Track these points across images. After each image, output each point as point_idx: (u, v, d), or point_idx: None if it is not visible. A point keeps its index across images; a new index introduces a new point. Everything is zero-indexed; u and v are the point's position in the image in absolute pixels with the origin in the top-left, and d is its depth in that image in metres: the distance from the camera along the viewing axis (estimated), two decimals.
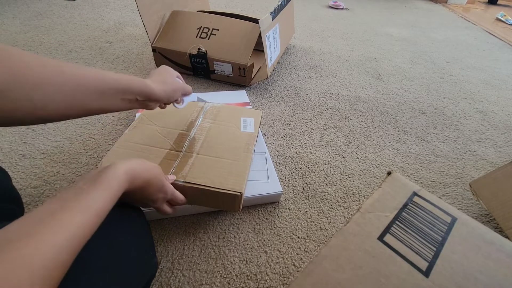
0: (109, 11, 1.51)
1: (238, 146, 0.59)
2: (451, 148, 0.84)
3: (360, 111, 0.95)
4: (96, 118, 0.80)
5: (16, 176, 0.62)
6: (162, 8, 1.00)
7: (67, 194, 0.28)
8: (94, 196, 0.28)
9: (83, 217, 0.26)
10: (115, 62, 1.07)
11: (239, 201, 0.50)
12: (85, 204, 0.27)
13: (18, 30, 1.21)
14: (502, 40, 1.73)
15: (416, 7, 2.30)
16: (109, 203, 0.29)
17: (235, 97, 0.89)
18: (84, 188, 0.28)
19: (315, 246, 0.56)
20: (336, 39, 1.48)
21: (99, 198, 0.28)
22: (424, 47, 1.51)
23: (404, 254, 0.32)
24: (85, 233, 0.25)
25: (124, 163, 0.34)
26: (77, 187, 0.29)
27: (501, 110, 1.04)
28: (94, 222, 0.27)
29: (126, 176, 0.33)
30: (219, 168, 0.54)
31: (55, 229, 0.23)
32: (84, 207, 0.27)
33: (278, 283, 0.50)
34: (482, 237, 0.35)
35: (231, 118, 0.67)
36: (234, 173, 0.53)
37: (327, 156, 0.76)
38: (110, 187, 0.30)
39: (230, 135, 0.62)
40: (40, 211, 0.25)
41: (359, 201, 0.65)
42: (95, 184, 0.29)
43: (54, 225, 0.23)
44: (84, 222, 0.25)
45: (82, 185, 0.29)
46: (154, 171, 0.39)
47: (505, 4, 2.66)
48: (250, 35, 0.95)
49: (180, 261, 0.51)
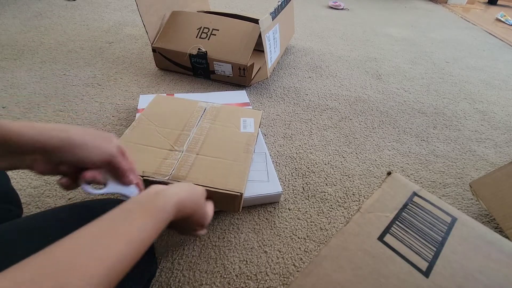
0: (109, 12, 1.51)
1: (238, 146, 0.59)
2: (451, 148, 0.84)
3: (360, 111, 0.95)
4: (96, 118, 0.80)
5: (16, 176, 0.62)
6: (162, 8, 1.00)
7: (117, 214, 0.27)
8: (141, 225, 0.27)
9: (125, 248, 0.24)
10: (115, 62, 1.07)
11: (239, 202, 0.50)
12: (129, 232, 0.26)
13: (18, 30, 1.21)
14: (502, 40, 1.73)
15: (416, 7, 2.30)
16: (154, 234, 0.28)
17: (235, 97, 0.89)
18: (132, 211, 0.27)
19: (315, 246, 0.56)
20: (336, 39, 1.48)
21: (145, 227, 0.27)
22: (424, 47, 1.51)
23: (404, 254, 0.32)
24: (124, 265, 0.24)
25: (176, 193, 0.32)
26: (127, 209, 0.28)
27: (501, 110, 1.04)
28: (135, 253, 0.25)
29: (175, 208, 0.31)
30: (219, 168, 0.54)
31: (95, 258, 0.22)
32: (128, 236, 0.25)
33: (278, 283, 0.50)
34: (482, 237, 0.35)
35: (231, 119, 0.67)
36: (234, 174, 0.53)
37: (327, 156, 0.76)
38: (159, 218, 0.29)
39: (230, 136, 0.62)
40: (86, 233, 0.24)
41: (359, 201, 0.65)
42: (144, 210, 0.28)
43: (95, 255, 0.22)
44: (126, 253, 0.24)
45: (132, 206, 0.28)
46: (200, 202, 0.37)
47: (505, 4, 2.66)
48: (250, 35, 0.95)
49: (180, 261, 0.51)
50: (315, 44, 1.40)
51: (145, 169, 0.51)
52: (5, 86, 0.88)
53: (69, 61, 1.05)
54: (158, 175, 0.51)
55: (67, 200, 0.59)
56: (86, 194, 0.32)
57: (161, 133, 0.60)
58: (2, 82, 0.90)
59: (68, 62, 1.04)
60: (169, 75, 1.04)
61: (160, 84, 0.98)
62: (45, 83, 0.92)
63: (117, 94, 0.91)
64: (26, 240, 0.30)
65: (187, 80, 1.02)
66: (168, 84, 0.99)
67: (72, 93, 0.89)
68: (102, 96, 0.89)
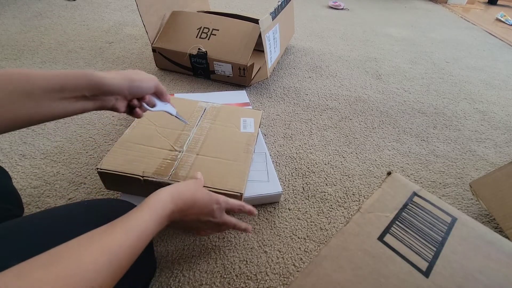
0: (109, 12, 1.51)
1: (238, 146, 0.59)
2: (451, 148, 0.84)
3: (360, 111, 0.95)
4: (96, 118, 0.80)
5: (16, 176, 0.62)
6: (162, 8, 1.00)
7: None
8: (137, 216, 0.29)
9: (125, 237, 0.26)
10: (115, 62, 1.07)
11: None
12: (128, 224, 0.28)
13: (18, 30, 1.21)
14: (502, 40, 1.73)
15: (416, 7, 2.30)
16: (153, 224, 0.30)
17: (235, 97, 0.89)
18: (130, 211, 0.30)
19: (315, 246, 0.56)
20: (336, 39, 1.48)
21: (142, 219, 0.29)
22: (424, 47, 1.51)
23: (404, 254, 0.32)
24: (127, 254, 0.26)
25: (168, 187, 0.36)
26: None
27: (501, 110, 1.04)
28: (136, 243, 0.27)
29: (170, 197, 0.34)
30: (219, 168, 0.54)
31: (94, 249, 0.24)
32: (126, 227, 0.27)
33: (278, 283, 0.50)
34: (482, 237, 0.35)
35: (231, 119, 0.67)
36: (234, 174, 0.53)
37: (327, 156, 0.76)
38: (155, 208, 0.31)
39: (230, 136, 0.62)
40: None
41: (359, 201, 0.65)
42: (140, 206, 0.31)
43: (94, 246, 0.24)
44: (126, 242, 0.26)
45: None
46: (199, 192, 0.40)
47: (505, 4, 2.66)
48: (250, 35, 0.95)
49: (180, 261, 0.51)
50: (315, 44, 1.40)
51: (145, 169, 0.51)
52: None
53: (69, 61, 1.05)
54: (158, 175, 0.51)
55: (67, 200, 0.59)
56: (147, 111, 0.46)
57: (161, 133, 0.60)
58: None
59: (68, 62, 1.04)
60: (169, 75, 1.04)
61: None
62: None
63: None
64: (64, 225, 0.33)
65: (187, 80, 1.02)
66: (168, 84, 0.99)
67: None
68: None
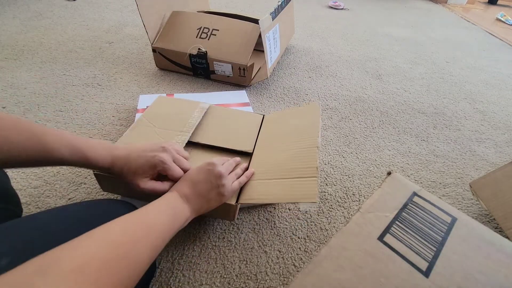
0: (109, 12, 1.51)
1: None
2: (451, 148, 0.84)
3: (360, 111, 0.95)
4: (96, 118, 0.80)
5: (16, 176, 0.62)
6: (162, 8, 1.00)
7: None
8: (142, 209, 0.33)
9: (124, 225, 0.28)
10: (115, 62, 1.07)
11: (234, 211, 0.49)
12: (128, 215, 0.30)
13: (18, 30, 1.21)
14: (502, 40, 1.73)
15: (416, 7, 2.30)
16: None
17: (235, 97, 0.89)
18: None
19: (315, 246, 0.56)
20: (336, 39, 1.48)
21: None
22: (424, 47, 1.51)
23: (404, 254, 0.32)
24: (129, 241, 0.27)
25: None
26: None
27: (501, 110, 1.04)
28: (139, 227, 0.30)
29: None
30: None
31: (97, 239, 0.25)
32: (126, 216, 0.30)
33: (278, 283, 0.50)
34: (482, 237, 0.35)
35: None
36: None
37: (327, 156, 0.76)
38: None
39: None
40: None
41: (359, 201, 0.65)
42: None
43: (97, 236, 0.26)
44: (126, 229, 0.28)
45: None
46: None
47: (505, 4, 2.66)
48: (250, 35, 0.95)
49: (180, 261, 0.51)
50: (315, 44, 1.40)
51: None
52: (5, 86, 0.88)
53: (69, 61, 1.05)
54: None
55: (67, 200, 0.59)
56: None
57: (160, 134, 0.60)
58: (2, 82, 0.90)
59: (68, 62, 1.04)
60: (169, 75, 1.04)
61: (160, 84, 0.98)
62: (45, 83, 0.92)
63: (117, 94, 0.91)
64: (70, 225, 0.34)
65: (187, 80, 1.02)
66: (168, 84, 0.99)
67: (72, 93, 0.89)
68: (102, 96, 0.89)
